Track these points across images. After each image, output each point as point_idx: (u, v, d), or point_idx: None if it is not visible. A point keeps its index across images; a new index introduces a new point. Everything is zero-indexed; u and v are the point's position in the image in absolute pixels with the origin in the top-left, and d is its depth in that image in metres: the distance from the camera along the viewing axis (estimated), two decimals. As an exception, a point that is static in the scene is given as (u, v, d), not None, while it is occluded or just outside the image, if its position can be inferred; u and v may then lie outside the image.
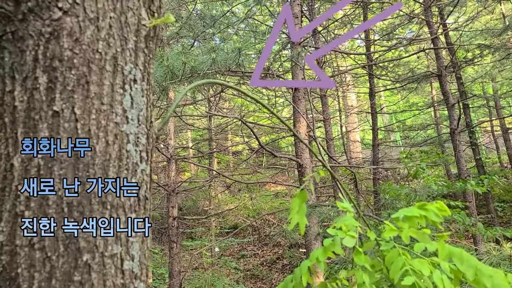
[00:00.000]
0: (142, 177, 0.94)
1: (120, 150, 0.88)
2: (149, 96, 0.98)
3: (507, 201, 10.64)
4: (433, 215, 1.40)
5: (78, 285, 0.81)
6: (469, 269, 1.25)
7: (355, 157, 12.34)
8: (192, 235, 13.99)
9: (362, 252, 1.44)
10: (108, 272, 0.85)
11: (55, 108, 0.80)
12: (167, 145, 8.61)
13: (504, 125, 11.23)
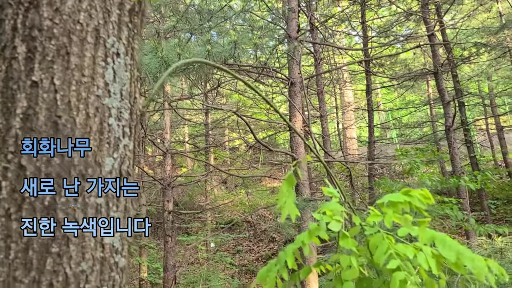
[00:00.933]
0: (125, 152, 0.93)
1: (101, 123, 0.87)
2: (133, 71, 0.97)
3: (500, 199, 10.68)
4: (417, 201, 1.40)
5: (55, 256, 0.80)
6: (451, 252, 1.26)
7: (351, 154, 12.35)
8: (188, 231, 13.99)
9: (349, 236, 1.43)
10: (87, 245, 0.85)
11: (34, 78, 0.80)
12: (163, 139, 8.60)
13: (499, 124, 11.27)
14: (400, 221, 1.38)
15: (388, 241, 1.33)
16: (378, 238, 1.36)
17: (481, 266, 1.19)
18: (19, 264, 0.78)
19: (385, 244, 1.33)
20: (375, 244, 1.36)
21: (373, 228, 1.43)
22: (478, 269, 1.20)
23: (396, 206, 1.41)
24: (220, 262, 12.51)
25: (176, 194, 15.55)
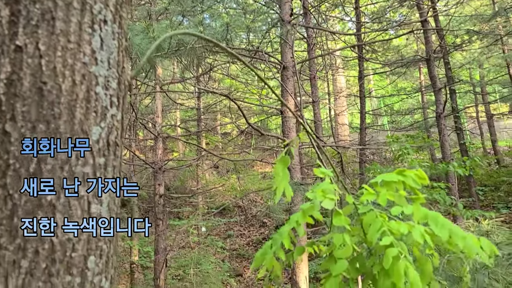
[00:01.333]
0: (112, 122, 0.92)
1: (88, 91, 0.86)
2: (121, 40, 0.96)
3: (488, 186, 10.83)
4: (411, 181, 1.39)
5: (41, 224, 0.80)
6: (443, 231, 1.26)
7: (343, 140, 12.40)
8: (179, 215, 14.03)
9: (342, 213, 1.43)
10: (74, 214, 0.84)
11: (18, 42, 0.78)
12: (154, 123, 8.54)
13: (489, 111, 11.36)
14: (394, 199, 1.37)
15: (381, 219, 1.33)
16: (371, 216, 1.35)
17: (472, 244, 1.20)
18: (4, 231, 0.78)
19: (379, 222, 1.32)
20: (368, 222, 1.35)
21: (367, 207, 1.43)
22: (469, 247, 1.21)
23: (390, 185, 1.40)
24: (211, 246, 12.59)
25: (168, 179, 15.54)
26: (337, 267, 1.36)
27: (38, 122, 0.80)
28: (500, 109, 16.20)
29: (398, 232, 1.29)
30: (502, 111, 15.05)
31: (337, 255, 1.38)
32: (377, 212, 1.37)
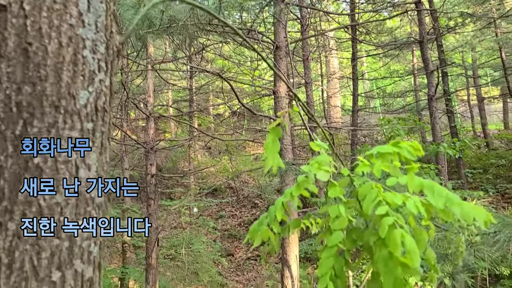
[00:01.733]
0: (101, 87, 0.91)
1: (75, 54, 0.85)
2: (109, 4, 0.94)
3: (477, 169, 10.98)
4: (406, 152, 1.38)
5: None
6: (439, 199, 1.25)
7: (335, 122, 12.43)
8: (171, 196, 14.06)
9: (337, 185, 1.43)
10: (61, 178, 0.84)
11: (2, 1, 0.76)
12: (146, 102, 8.48)
13: (480, 95, 11.42)
14: (389, 170, 1.37)
15: (376, 189, 1.33)
16: (366, 188, 1.35)
17: (469, 210, 1.20)
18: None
19: (374, 193, 1.32)
20: (363, 193, 1.35)
21: (362, 178, 1.43)
22: (466, 214, 1.21)
23: (385, 157, 1.39)
24: (202, 226, 12.68)
25: (160, 160, 15.53)
26: (333, 238, 1.36)
27: (24, 84, 0.79)
28: (491, 93, 16.30)
29: (393, 202, 1.29)
30: (493, 95, 15.14)
31: (333, 227, 1.38)
32: (372, 183, 1.37)
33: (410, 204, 1.26)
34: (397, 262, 1.18)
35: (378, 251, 1.25)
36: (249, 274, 11.76)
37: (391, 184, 1.34)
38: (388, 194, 1.31)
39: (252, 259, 12.38)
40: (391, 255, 1.18)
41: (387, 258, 1.20)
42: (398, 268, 1.18)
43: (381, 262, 1.22)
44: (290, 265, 5.70)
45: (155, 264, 7.35)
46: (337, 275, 1.37)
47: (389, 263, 1.19)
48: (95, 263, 0.92)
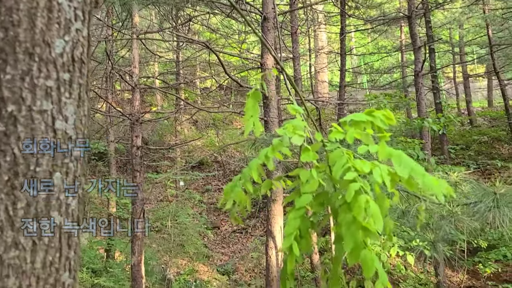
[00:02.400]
0: (77, 37, 0.89)
1: (49, 0, 0.82)
2: (85, -49, 0.90)
3: (460, 145, 11.17)
4: (379, 121, 1.40)
5: (2, 135, 0.78)
6: (405, 169, 1.28)
7: (322, 97, 12.42)
8: (157, 169, 14.03)
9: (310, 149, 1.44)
10: (37, 128, 0.82)
11: None
12: (131, 73, 8.33)
13: (466, 72, 11.50)
14: (361, 137, 1.39)
15: (347, 156, 1.35)
16: (337, 154, 1.37)
17: (430, 181, 1.23)
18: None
19: (344, 159, 1.34)
20: (334, 159, 1.37)
21: (334, 144, 1.45)
22: (427, 184, 1.24)
23: (358, 125, 1.41)
24: (189, 199, 12.74)
25: (146, 133, 15.42)
26: (301, 200, 1.38)
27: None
28: (477, 70, 16.43)
29: (361, 169, 1.31)
30: (479, 72, 15.27)
31: (303, 190, 1.40)
32: (343, 150, 1.39)
33: (376, 173, 1.29)
34: (359, 225, 1.21)
35: (343, 214, 1.28)
36: (234, 246, 11.93)
37: (362, 152, 1.36)
38: (358, 162, 1.33)
39: (238, 232, 12.54)
40: (355, 219, 1.21)
41: (350, 221, 1.23)
42: (360, 232, 1.21)
43: (344, 225, 1.25)
44: (275, 236, 5.79)
45: (140, 235, 7.39)
46: (302, 236, 1.40)
47: (352, 226, 1.22)
48: (74, 216, 0.92)
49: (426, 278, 8.34)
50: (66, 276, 0.89)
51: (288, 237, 1.32)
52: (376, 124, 1.40)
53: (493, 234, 7.74)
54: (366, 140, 1.38)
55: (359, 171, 1.29)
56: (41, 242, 0.84)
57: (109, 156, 10.36)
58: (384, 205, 1.34)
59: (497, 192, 2.58)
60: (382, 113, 1.41)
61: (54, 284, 0.86)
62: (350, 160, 1.32)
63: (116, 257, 9.39)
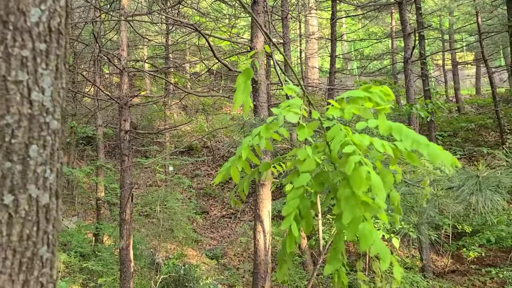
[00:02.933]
0: (54, 6, 0.87)
1: (23, -33, 0.80)
2: None
3: (447, 132, 11.30)
4: (377, 97, 1.37)
5: (-25, 105, 0.76)
6: (407, 140, 1.25)
7: (312, 82, 12.41)
8: (146, 154, 13.97)
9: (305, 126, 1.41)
10: (12, 98, 0.81)
11: None
12: (119, 56, 8.22)
13: (455, 59, 11.55)
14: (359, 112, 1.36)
15: (345, 131, 1.32)
16: (335, 129, 1.34)
17: (436, 151, 1.21)
18: None
19: (342, 134, 1.31)
20: (332, 135, 1.34)
21: (332, 121, 1.42)
22: (433, 155, 1.22)
23: (356, 101, 1.38)
24: (178, 185, 12.73)
25: (135, 118, 15.31)
26: (300, 179, 1.36)
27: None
28: (466, 58, 16.52)
29: (361, 143, 1.28)
30: (467, 60, 15.37)
31: (300, 169, 1.38)
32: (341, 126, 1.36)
33: (377, 144, 1.26)
34: (358, 200, 1.20)
35: (342, 189, 1.26)
36: (223, 231, 12.00)
37: (361, 127, 1.33)
38: (356, 136, 1.31)
39: (227, 217, 12.60)
40: (353, 193, 1.20)
41: (349, 196, 1.21)
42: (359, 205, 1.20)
43: (343, 200, 1.24)
44: (263, 220, 5.82)
45: (129, 219, 7.38)
46: (302, 216, 1.38)
47: (351, 200, 1.21)
48: (52, 190, 0.91)
49: (411, 262, 8.49)
50: (44, 250, 0.88)
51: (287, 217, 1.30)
52: (374, 100, 1.37)
53: (477, 219, 7.89)
54: (365, 114, 1.35)
55: (358, 145, 1.26)
56: (18, 215, 0.83)
57: (97, 141, 10.27)
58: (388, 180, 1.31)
59: (480, 176, 2.61)
60: (379, 88, 1.37)
61: (31, 257, 0.86)
62: (349, 135, 1.30)
63: (105, 241, 9.39)
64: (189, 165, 14.62)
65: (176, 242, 10.48)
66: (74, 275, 7.58)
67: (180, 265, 8.44)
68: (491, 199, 2.46)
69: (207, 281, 7.82)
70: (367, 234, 1.17)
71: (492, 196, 2.48)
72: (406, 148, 1.24)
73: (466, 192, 2.59)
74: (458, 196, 2.88)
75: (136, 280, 7.69)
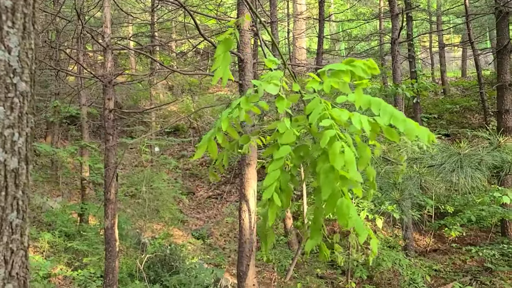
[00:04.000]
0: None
1: None
2: None
3: (433, 114, 11.41)
4: (360, 70, 1.35)
5: None
6: (385, 115, 1.25)
7: (300, 63, 12.34)
8: (132, 134, 13.84)
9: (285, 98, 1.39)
10: (-26, 56, 0.77)
11: None
12: (102, 33, 8.03)
13: (442, 42, 11.57)
14: (338, 86, 1.34)
15: (324, 105, 1.31)
16: (315, 102, 1.33)
17: (412, 127, 1.21)
18: None
19: (321, 107, 1.30)
20: (311, 108, 1.33)
21: (312, 94, 1.40)
22: (410, 130, 1.22)
23: (337, 75, 1.36)
24: (164, 165, 12.67)
25: (120, 98, 15.08)
26: (280, 151, 1.35)
27: None
28: (453, 40, 16.58)
29: (339, 118, 1.27)
30: (454, 42, 15.43)
31: (280, 141, 1.37)
32: (320, 99, 1.35)
33: (355, 119, 1.26)
34: (336, 174, 1.19)
35: (321, 163, 1.26)
36: (209, 211, 12.04)
37: (341, 101, 1.32)
38: (335, 110, 1.30)
39: (213, 197, 12.63)
40: (332, 168, 1.19)
41: (328, 170, 1.21)
42: (337, 180, 1.20)
43: (322, 174, 1.23)
44: (248, 200, 5.84)
45: (113, 199, 7.33)
46: (282, 189, 1.38)
47: (330, 175, 1.21)
48: (21, 155, 0.88)
49: (394, 241, 8.66)
50: (14, 216, 0.86)
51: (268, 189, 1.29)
52: (357, 74, 1.35)
53: (459, 199, 8.04)
54: (344, 88, 1.33)
55: (337, 119, 1.25)
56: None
57: (81, 120, 10.12)
58: (365, 155, 1.31)
59: (462, 153, 2.64)
60: (363, 62, 1.35)
61: (0, 223, 0.83)
62: (328, 109, 1.29)
63: (90, 221, 9.35)
64: (175, 146, 14.54)
65: (162, 222, 10.48)
66: (59, 255, 7.56)
67: (166, 245, 8.47)
68: (472, 176, 2.49)
69: (193, 261, 7.87)
70: (345, 209, 1.17)
71: (472, 173, 2.51)
72: (384, 123, 1.24)
73: (447, 169, 2.62)
74: (440, 173, 2.91)
75: (122, 260, 7.69)
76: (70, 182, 11.98)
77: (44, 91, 12.42)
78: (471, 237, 8.88)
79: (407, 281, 6.39)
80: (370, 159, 1.34)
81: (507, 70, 7.40)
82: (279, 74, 1.44)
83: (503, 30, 7.53)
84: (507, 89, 7.36)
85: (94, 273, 6.84)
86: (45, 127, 12.79)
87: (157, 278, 7.32)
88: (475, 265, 7.73)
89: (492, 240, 8.19)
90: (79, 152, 10.10)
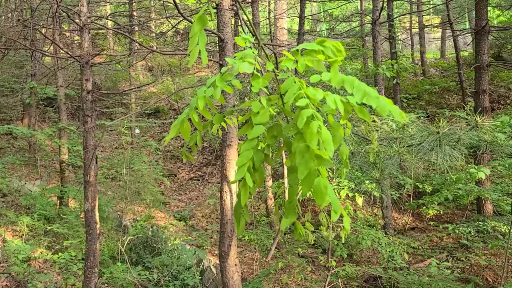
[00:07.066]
0: None
1: None
2: None
3: (412, 95, 11.55)
4: (330, 51, 1.36)
5: None
6: (358, 93, 1.26)
7: (281, 43, 12.25)
8: (111, 117, 13.62)
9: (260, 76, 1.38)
10: None
11: None
12: (79, 12, 7.79)
13: (422, 23, 11.63)
14: (313, 65, 1.34)
15: (299, 84, 1.30)
16: (289, 82, 1.32)
17: (384, 104, 1.22)
18: None
19: (296, 86, 1.30)
20: (286, 87, 1.32)
21: (286, 74, 1.40)
22: (382, 107, 1.23)
23: (310, 54, 1.36)
24: (145, 147, 12.56)
25: (99, 79, 14.78)
26: (254, 131, 1.34)
27: None
28: (432, 21, 16.69)
29: (314, 97, 1.27)
30: (434, 23, 15.54)
31: (254, 121, 1.36)
32: (295, 78, 1.35)
33: (329, 99, 1.26)
34: (312, 154, 1.19)
35: (296, 143, 1.25)
36: (191, 193, 12.03)
37: (315, 81, 1.32)
38: (310, 89, 1.29)
39: (195, 179, 12.61)
40: (308, 147, 1.19)
41: (304, 150, 1.20)
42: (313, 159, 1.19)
43: (298, 154, 1.22)
44: (229, 181, 5.84)
45: (93, 181, 7.23)
46: (255, 168, 1.37)
47: (306, 155, 1.20)
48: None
49: (374, 220, 8.83)
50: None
51: (241, 169, 1.29)
52: (326, 54, 1.36)
53: (437, 179, 8.21)
54: (318, 67, 1.33)
55: (312, 99, 1.25)
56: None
57: (58, 102, 9.89)
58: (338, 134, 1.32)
59: (440, 132, 2.68)
60: (333, 43, 1.36)
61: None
62: (303, 88, 1.28)
63: (70, 204, 9.23)
64: (156, 128, 14.40)
65: (143, 204, 10.43)
66: (38, 238, 7.46)
67: (148, 227, 8.45)
68: (450, 155, 2.54)
69: (175, 242, 7.88)
70: (322, 188, 1.17)
71: (451, 152, 2.56)
72: (357, 101, 1.24)
73: (426, 148, 2.66)
74: (419, 152, 2.96)
75: (104, 242, 7.65)
76: (48, 165, 11.77)
77: (19, 72, 12.05)
78: (448, 215, 9.12)
79: (386, 258, 6.55)
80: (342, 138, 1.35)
81: (485, 51, 7.50)
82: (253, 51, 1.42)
83: (482, 11, 7.60)
84: (484, 70, 7.47)
85: (75, 256, 6.79)
86: (22, 109, 12.46)
87: (139, 260, 7.32)
88: (451, 242, 7.96)
89: (468, 217, 8.43)
90: (57, 135, 9.90)
